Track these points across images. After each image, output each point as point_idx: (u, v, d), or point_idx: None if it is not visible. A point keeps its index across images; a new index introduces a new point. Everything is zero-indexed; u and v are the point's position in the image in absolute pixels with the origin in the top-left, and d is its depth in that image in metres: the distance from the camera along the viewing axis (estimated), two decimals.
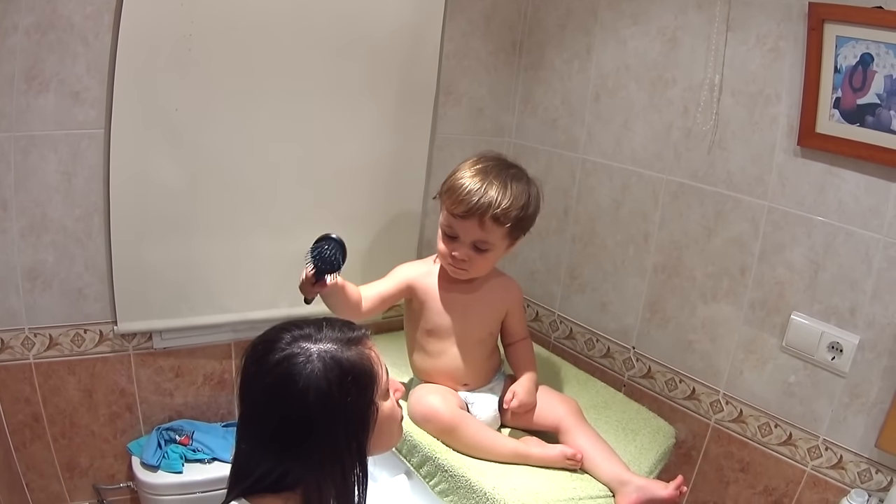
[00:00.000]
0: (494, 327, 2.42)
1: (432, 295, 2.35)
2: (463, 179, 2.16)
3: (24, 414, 2.60)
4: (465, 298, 2.34)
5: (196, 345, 2.84)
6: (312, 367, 1.43)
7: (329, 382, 1.43)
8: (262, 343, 1.50)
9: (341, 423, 1.46)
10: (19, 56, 2.25)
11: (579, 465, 2.14)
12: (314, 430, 1.43)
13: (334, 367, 1.44)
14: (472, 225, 2.15)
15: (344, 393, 1.45)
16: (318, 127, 2.73)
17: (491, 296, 2.37)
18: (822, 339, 2.22)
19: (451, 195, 2.17)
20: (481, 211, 2.12)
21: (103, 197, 2.49)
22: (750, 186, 2.37)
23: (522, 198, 2.18)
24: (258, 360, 1.48)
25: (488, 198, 2.11)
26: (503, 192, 2.13)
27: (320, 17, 2.59)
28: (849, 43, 2.04)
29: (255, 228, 2.73)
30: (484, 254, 2.21)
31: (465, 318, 2.34)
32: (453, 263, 2.24)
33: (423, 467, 2.18)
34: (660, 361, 2.72)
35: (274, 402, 1.45)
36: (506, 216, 2.13)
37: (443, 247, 2.25)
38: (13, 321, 2.48)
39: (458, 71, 3.04)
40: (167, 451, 2.69)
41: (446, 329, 2.33)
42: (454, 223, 2.19)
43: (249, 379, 1.49)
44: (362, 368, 1.49)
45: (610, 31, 2.76)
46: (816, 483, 2.29)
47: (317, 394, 1.42)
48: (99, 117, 2.41)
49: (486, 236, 2.17)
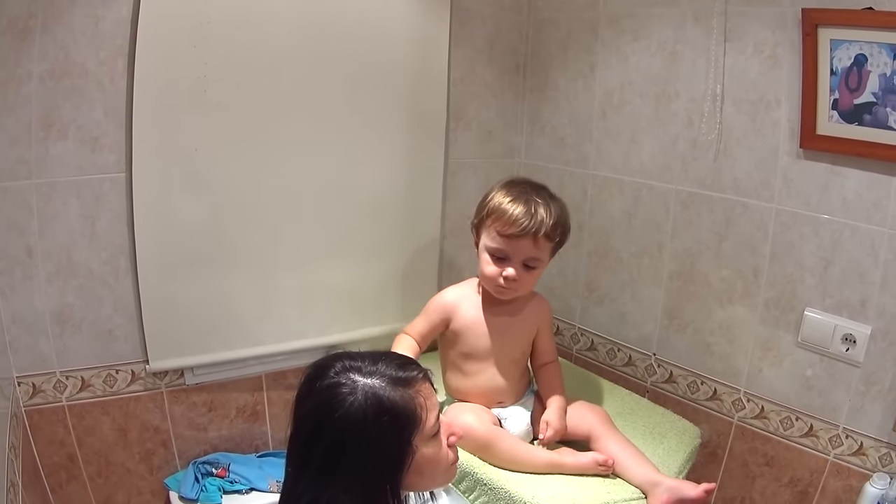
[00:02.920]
0: (528, 346, 2.46)
1: (472, 320, 2.40)
2: (508, 203, 2.25)
3: (60, 455, 2.59)
4: (504, 320, 2.40)
5: (227, 379, 2.84)
6: (354, 399, 1.46)
7: (366, 417, 1.46)
8: (315, 368, 1.55)
9: (373, 458, 1.47)
10: (35, 104, 2.26)
11: (611, 470, 2.18)
12: (347, 459, 1.46)
13: (374, 404, 1.47)
14: (527, 244, 2.24)
15: (379, 430, 1.47)
16: (334, 159, 2.76)
17: (527, 313, 2.43)
18: (836, 332, 2.26)
19: (501, 218, 2.25)
20: (535, 229, 2.22)
21: (128, 239, 2.50)
22: (757, 190, 2.42)
23: (563, 215, 2.32)
24: (308, 382, 1.53)
25: (540, 216, 2.22)
26: (548, 210, 2.25)
27: (330, 52, 2.63)
28: (843, 45, 2.09)
29: (279, 261, 2.75)
30: (533, 271, 2.29)
31: (503, 339, 2.39)
32: (504, 284, 2.29)
33: (462, 483, 2.21)
34: (681, 366, 2.76)
35: (313, 425, 1.49)
36: (555, 232, 2.27)
37: (492, 270, 2.30)
38: (44, 365, 2.48)
39: (466, 96, 3.09)
40: (205, 484, 2.69)
41: (484, 351, 2.38)
42: (506, 244, 2.26)
43: (298, 399, 1.54)
44: (403, 410, 1.50)
45: (612, 48, 2.81)
46: (840, 471, 2.33)
47: (353, 425, 1.45)
48: (119, 161, 2.43)
49: (538, 253, 2.26)
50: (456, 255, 3.21)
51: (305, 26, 2.57)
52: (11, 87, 2.22)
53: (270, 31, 2.51)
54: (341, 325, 2.94)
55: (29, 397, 2.48)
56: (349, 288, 2.93)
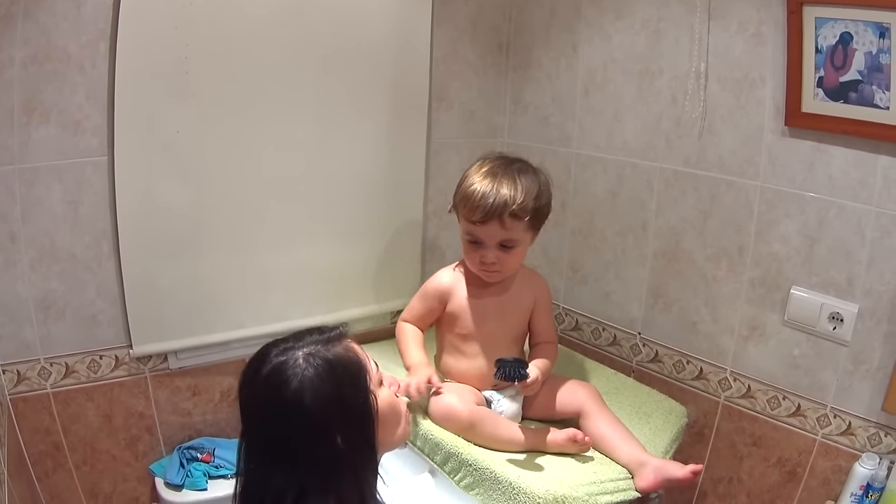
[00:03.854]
0: (525, 325, 2.45)
1: (467, 301, 2.38)
2: (473, 186, 2.21)
3: (45, 444, 2.59)
4: (498, 300, 2.38)
5: (211, 362, 2.83)
6: (302, 369, 1.48)
7: (321, 379, 1.48)
8: (253, 361, 1.56)
9: (342, 417, 1.50)
10: (17, 89, 2.25)
11: (587, 447, 2.17)
12: (317, 432, 1.47)
13: (323, 364, 1.50)
14: (494, 227, 2.20)
15: (337, 385, 1.50)
16: (316, 141, 2.75)
17: (521, 291, 2.41)
18: (823, 311, 2.26)
19: (466, 204, 2.22)
20: (499, 211, 2.17)
21: (111, 223, 2.48)
22: (741, 168, 2.41)
23: (534, 188, 2.23)
24: (252, 377, 1.54)
25: (502, 197, 2.17)
26: (514, 187, 2.19)
27: (311, 32, 2.62)
28: (828, 23, 2.08)
29: (262, 244, 2.75)
30: (511, 251, 2.25)
31: (500, 319, 2.38)
32: (485, 269, 2.28)
33: (448, 464, 2.21)
34: (666, 345, 2.76)
35: (273, 412, 1.49)
36: (523, 210, 2.19)
37: (471, 255, 2.30)
38: (28, 352, 2.48)
39: (448, 76, 3.07)
40: (190, 470, 2.69)
41: (482, 332, 2.37)
42: (475, 230, 2.24)
43: (246, 397, 1.55)
44: (349, 359, 1.55)
45: (594, 27, 2.80)
46: (828, 451, 2.33)
47: (312, 393, 1.47)
48: (101, 144, 2.41)
49: (509, 234, 2.21)
50: (439, 236, 3.21)
51: (286, 6, 2.54)
52: None
53: (251, 13, 2.49)
54: (325, 306, 2.93)
55: (14, 385, 2.47)
56: (332, 269, 2.93)
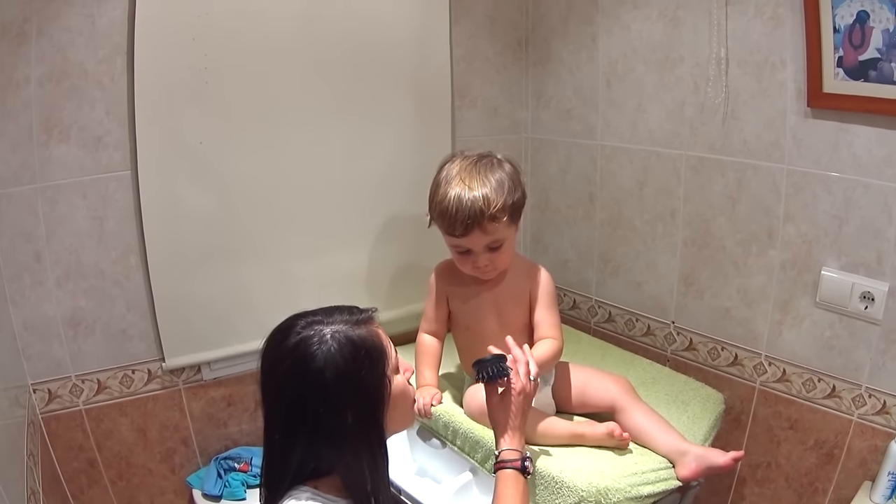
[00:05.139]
0: (526, 316, 2.40)
1: (463, 296, 2.39)
2: (447, 199, 2.17)
3: (79, 461, 2.59)
4: (493, 293, 2.36)
5: (245, 371, 2.82)
6: (328, 346, 1.50)
7: (344, 358, 1.50)
8: (279, 331, 1.58)
9: (358, 396, 1.52)
10: (35, 107, 2.26)
11: (626, 441, 2.16)
12: (335, 407, 1.49)
13: (347, 344, 1.52)
14: (477, 235, 2.16)
15: (358, 366, 1.52)
16: (340, 144, 2.76)
17: (515, 282, 2.36)
18: (854, 291, 2.25)
19: (444, 220, 2.19)
20: (478, 220, 2.13)
21: (137, 236, 2.50)
22: (767, 152, 2.40)
23: (505, 184, 2.18)
24: (276, 346, 1.55)
25: (478, 207, 2.12)
26: (486, 191, 2.14)
27: (330, 36, 2.63)
28: (844, 3, 2.06)
29: (290, 249, 2.75)
30: (500, 250, 2.22)
31: (496, 313, 2.36)
32: (480, 272, 2.27)
33: (489, 462, 2.18)
34: (700, 332, 2.75)
35: (295, 384, 1.52)
36: (501, 211, 2.14)
37: (462, 263, 2.28)
38: (59, 370, 2.48)
39: (469, 73, 3.08)
40: (228, 480, 2.70)
41: (484, 324, 2.36)
42: (460, 241, 2.20)
43: (269, 366, 1.56)
44: (372, 343, 1.56)
45: (612, 17, 2.80)
46: (864, 431, 2.32)
47: (334, 370, 1.49)
48: (124, 159, 2.42)
49: (494, 236, 2.18)
50: None
51: (304, 12, 2.56)
52: (10, 93, 2.22)
53: (269, 19, 2.51)
54: None
55: (45, 404, 2.48)
56: (360, 273, 2.94)
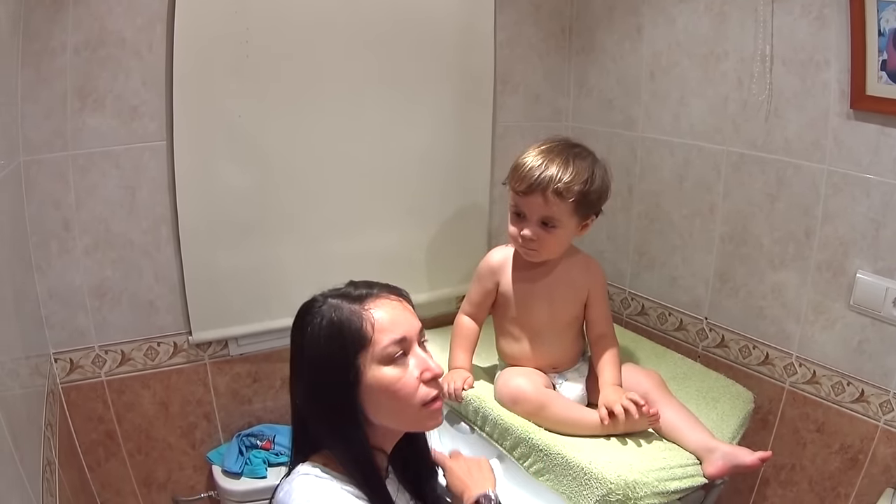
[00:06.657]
0: (578, 311, 2.41)
1: (516, 283, 2.38)
2: (526, 158, 2.20)
3: (98, 432, 2.61)
4: (547, 282, 2.35)
5: (272, 349, 2.84)
6: (320, 318, 1.53)
7: (320, 332, 1.53)
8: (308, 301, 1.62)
9: (320, 372, 1.53)
10: (70, 75, 2.27)
11: (656, 418, 2.15)
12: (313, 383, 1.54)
13: (327, 319, 1.53)
14: (537, 200, 2.17)
15: (327, 342, 1.52)
16: (380, 124, 2.76)
17: (572, 275, 2.37)
18: (888, 295, 2.23)
19: (515, 174, 2.21)
20: (543, 185, 2.14)
21: (170, 208, 2.51)
22: (808, 151, 2.38)
23: (585, 173, 2.18)
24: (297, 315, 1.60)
25: (549, 172, 2.14)
26: (564, 167, 2.16)
27: (372, 14, 2.63)
28: (889, 6, 2.04)
29: (324, 227, 2.75)
30: (552, 231, 2.21)
31: (550, 303, 2.35)
32: (524, 244, 2.26)
33: (517, 449, 2.22)
34: (732, 329, 2.74)
35: (292, 352, 1.59)
36: (568, 190, 2.15)
37: (512, 228, 2.28)
38: (82, 340, 2.50)
39: (513, 59, 3.08)
40: (249, 458, 2.71)
41: (532, 315, 2.36)
42: (519, 201, 2.22)
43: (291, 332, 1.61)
44: (349, 326, 1.52)
45: (658, 9, 2.78)
46: (890, 437, 2.30)
47: (311, 340, 1.53)
48: (159, 129, 2.43)
49: (551, 212, 2.18)
50: (505, 220, 3.12)
51: None
52: (45, 60, 2.23)
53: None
54: None
55: (66, 373, 2.50)
56: (396, 253, 2.94)
